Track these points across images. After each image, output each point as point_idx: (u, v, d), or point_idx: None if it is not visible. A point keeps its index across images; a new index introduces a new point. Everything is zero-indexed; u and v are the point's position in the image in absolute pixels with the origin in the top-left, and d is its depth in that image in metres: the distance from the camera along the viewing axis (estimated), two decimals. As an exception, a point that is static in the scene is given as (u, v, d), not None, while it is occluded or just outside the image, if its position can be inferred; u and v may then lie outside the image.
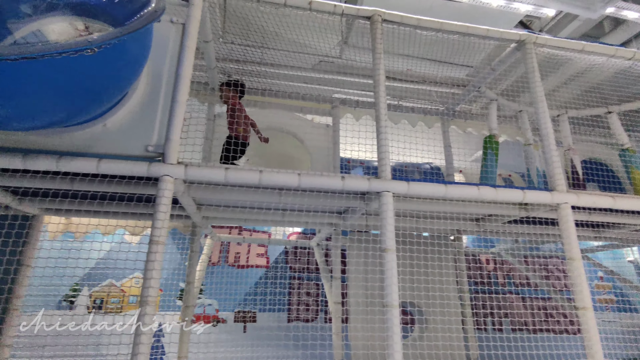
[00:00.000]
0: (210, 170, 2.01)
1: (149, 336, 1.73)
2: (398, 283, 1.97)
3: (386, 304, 1.95)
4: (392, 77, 3.79)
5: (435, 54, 3.40)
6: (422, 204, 2.46)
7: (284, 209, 2.77)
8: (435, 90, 3.89)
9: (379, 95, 2.36)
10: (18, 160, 1.84)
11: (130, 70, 1.72)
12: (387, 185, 2.14)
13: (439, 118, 4.00)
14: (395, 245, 2.04)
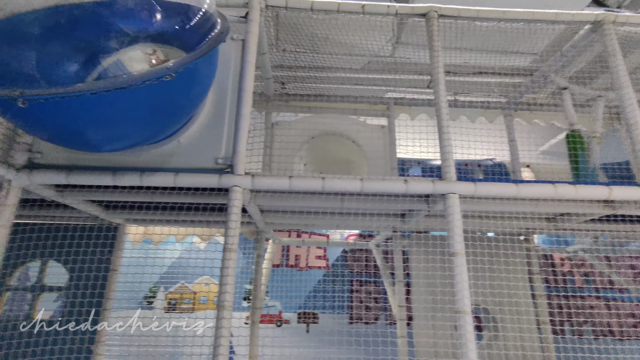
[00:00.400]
0: (276, 179, 2.09)
1: (227, 338, 1.84)
2: (477, 288, 1.89)
3: (458, 310, 1.88)
4: (447, 72, 3.66)
5: (495, 44, 3.22)
6: (489, 204, 2.34)
7: (344, 213, 2.79)
8: (495, 81, 3.69)
9: (439, 94, 2.29)
10: (109, 177, 2.06)
11: (201, 89, 1.84)
12: (452, 187, 2.07)
13: (501, 111, 3.78)
14: (464, 249, 1.97)
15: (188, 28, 1.76)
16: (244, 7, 2.51)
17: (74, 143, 1.85)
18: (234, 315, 3.59)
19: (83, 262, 3.07)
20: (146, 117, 1.68)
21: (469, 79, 3.69)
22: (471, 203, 2.29)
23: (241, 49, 2.36)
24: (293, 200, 2.41)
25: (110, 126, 1.67)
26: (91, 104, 1.47)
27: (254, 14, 2.42)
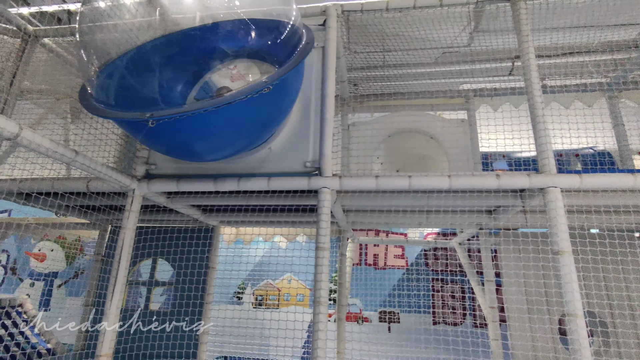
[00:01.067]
0: (362, 179, 2.14)
1: (324, 332, 1.94)
2: (580, 289, 1.75)
3: (568, 313, 1.75)
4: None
5: (591, 18, 2.90)
6: (597, 197, 2.13)
7: (428, 211, 2.74)
8: (592, 60, 3.32)
9: (531, 80, 2.14)
10: (211, 183, 2.29)
11: (291, 99, 1.97)
12: (552, 180, 1.92)
13: (601, 93, 3.39)
14: (570, 247, 1.82)
15: (279, 42, 1.89)
16: (321, 15, 2.61)
17: (183, 154, 2.10)
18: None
19: (187, 260, 3.44)
20: (245, 127, 1.85)
21: (560, 61, 3.38)
22: (576, 197, 2.11)
23: (321, 56, 2.46)
24: (377, 200, 2.45)
25: (214, 138, 1.87)
26: (200, 119, 1.67)
27: (331, 21, 2.51)
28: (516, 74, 3.58)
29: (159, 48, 1.98)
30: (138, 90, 1.87)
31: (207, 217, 3.23)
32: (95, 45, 1.86)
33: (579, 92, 3.46)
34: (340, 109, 3.68)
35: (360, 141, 3.42)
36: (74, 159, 1.85)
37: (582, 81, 3.42)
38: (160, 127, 1.61)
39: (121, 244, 2.31)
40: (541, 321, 2.82)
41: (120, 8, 2.02)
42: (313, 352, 1.92)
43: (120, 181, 2.24)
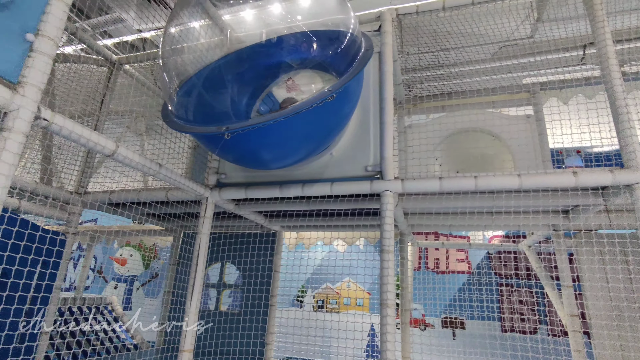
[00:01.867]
0: (426, 181, 2.12)
1: (393, 334, 1.94)
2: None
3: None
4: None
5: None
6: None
7: (494, 212, 2.64)
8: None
9: (609, 69, 1.99)
10: (277, 190, 2.41)
11: (352, 105, 2.02)
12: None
13: (694, 77, 3.03)
14: (666, 248, 1.66)
15: (339, 52, 1.96)
16: (376, 21, 2.65)
17: (253, 163, 2.24)
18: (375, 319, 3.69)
19: (252, 263, 3.62)
20: (310, 135, 1.94)
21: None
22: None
23: (378, 60, 2.49)
24: (440, 202, 2.41)
25: (282, 146, 1.97)
26: (269, 129, 1.78)
27: (387, 26, 2.53)
28: (589, 63, 3.32)
29: (228, 65, 2.15)
30: (212, 105, 2.04)
31: (270, 223, 3.38)
32: (174, 66, 2.06)
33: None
34: (396, 112, 3.66)
35: (417, 143, 3.38)
36: (158, 171, 2.06)
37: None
38: (234, 139, 1.74)
39: (198, 247, 2.50)
40: (634, 329, 2.56)
41: (192, 32, 2.23)
42: (382, 355, 1.93)
43: (195, 190, 2.44)
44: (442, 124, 3.44)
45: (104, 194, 2.92)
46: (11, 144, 1.32)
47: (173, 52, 2.13)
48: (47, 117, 1.47)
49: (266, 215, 3.30)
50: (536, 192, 2.15)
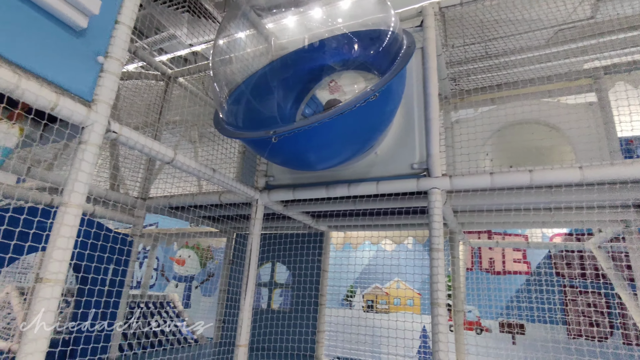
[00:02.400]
0: (475, 177, 2.06)
1: (445, 334, 1.90)
2: None
3: None
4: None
5: None
6: None
7: (553, 208, 2.48)
8: None
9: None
10: (323, 190, 2.46)
11: (396, 103, 2.01)
12: None
13: None
14: None
15: (381, 51, 1.96)
16: (417, 17, 2.61)
17: (300, 164, 2.31)
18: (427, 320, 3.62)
19: (301, 263, 3.70)
20: (354, 135, 1.96)
21: None
22: None
23: (421, 56, 2.45)
24: (492, 198, 2.31)
25: (327, 147, 2.01)
26: (314, 131, 1.82)
27: (429, 21, 2.49)
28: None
29: (273, 71, 2.24)
30: (259, 111, 2.14)
31: (317, 223, 3.44)
32: (223, 76, 2.19)
33: None
34: (442, 107, 3.56)
35: (466, 138, 3.26)
36: (212, 176, 2.19)
37: None
38: (281, 142, 1.81)
39: (249, 247, 2.62)
40: None
41: (239, 42, 2.35)
42: (434, 356, 1.90)
43: (246, 192, 2.56)
44: (491, 117, 3.29)
45: (164, 199, 3.15)
46: (88, 154, 1.49)
47: (222, 63, 2.26)
48: (116, 129, 1.63)
49: (313, 215, 3.37)
50: (601, 185, 1.99)
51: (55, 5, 1.36)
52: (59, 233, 1.38)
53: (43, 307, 1.31)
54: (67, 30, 1.45)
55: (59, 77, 1.42)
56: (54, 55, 1.41)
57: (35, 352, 1.28)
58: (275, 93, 2.21)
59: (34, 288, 3.33)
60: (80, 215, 1.46)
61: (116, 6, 1.65)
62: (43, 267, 1.35)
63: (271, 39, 2.34)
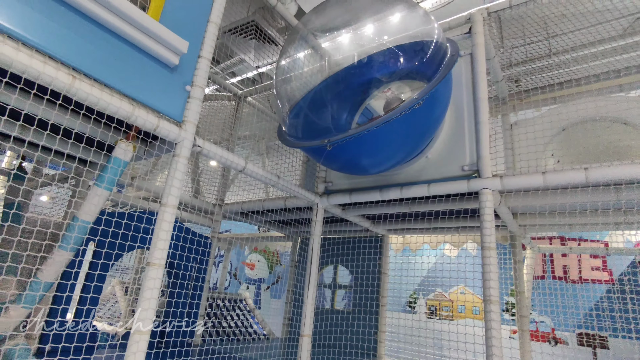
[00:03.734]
0: (527, 177, 2.08)
1: (498, 330, 1.94)
2: None
3: None
4: None
5: None
6: None
7: (624, 208, 2.36)
8: None
9: None
10: (377, 193, 2.63)
11: (442, 109, 2.13)
12: None
13: None
14: None
15: (425, 61, 2.11)
16: (466, 24, 2.69)
17: (353, 169, 2.52)
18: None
19: (361, 266, 3.87)
20: (403, 140, 2.12)
21: None
22: None
23: (470, 62, 2.53)
24: (550, 198, 2.28)
25: (378, 152, 2.19)
26: (364, 138, 2.02)
27: (477, 27, 2.56)
28: None
29: (327, 87, 2.49)
30: (316, 122, 2.40)
31: (375, 226, 3.60)
32: (285, 93, 2.50)
33: None
34: (499, 110, 3.52)
35: (524, 138, 3.19)
36: (277, 182, 2.49)
37: None
38: (335, 149, 2.04)
39: (311, 247, 2.88)
40: None
41: (297, 62, 2.65)
42: (487, 351, 1.95)
43: (308, 197, 2.82)
44: (554, 115, 3.18)
45: (237, 204, 3.56)
46: (181, 165, 1.85)
47: (283, 82, 2.58)
48: (200, 144, 2.00)
49: (371, 218, 3.53)
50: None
51: (157, 50, 1.75)
52: (160, 227, 1.75)
53: (151, 284, 1.68)
54: (164, 68, 1.84)
55: (159, 104, 1.81)
56: (156, 88, 1.80)
57: (146, 318, 1.64)
58: (329, 106, 2.46)
59: (134, 282, 3.95)
60: (174, 214, 1.82)
61: (199, 44, 2.03)
62: (150, 254, 1.72)
63: (326, 57, 2.61)
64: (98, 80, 1.57)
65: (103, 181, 1.71)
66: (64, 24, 1.48)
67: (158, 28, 1.72)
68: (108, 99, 1.58)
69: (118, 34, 1.64)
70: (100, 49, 1.58)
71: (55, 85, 1.44)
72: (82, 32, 1.54)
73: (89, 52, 1.55)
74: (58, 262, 1.70)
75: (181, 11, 1.95)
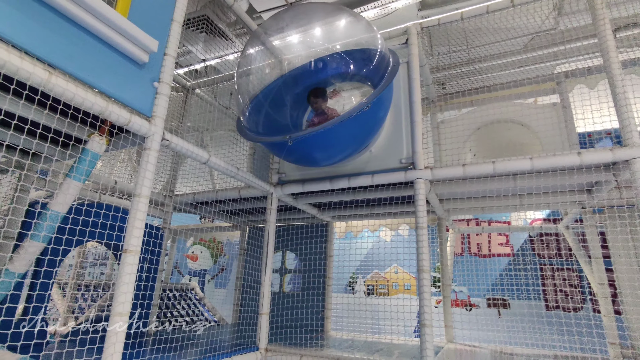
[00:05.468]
0: (451, 169, 2.55)
1: (429, 294, 2.38)
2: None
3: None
4: (634, 24, 3.30)
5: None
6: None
7: (521, 194, 2.97)
8: None
9: (610, 61, 2.29)
10: (327, 183, 2.94)
11: (385, 110, 2.50)
12: (636, 151, 2.06)
13: None
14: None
15: (371, 68, 2.45)
16: (403, 35, 3.09)
17: (308, 162, 2.80)
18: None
19: (309, 251, 4.18)
20: (352, 137, 2.44)
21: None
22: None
23: (406, 69, 2.93)
24: (468, 186, 2.80)
25: (331, 148, 2.50)
26: (322, 135, 2.31)
27: (413, 39, 2.97)
28: (618, 46, 3.47)
29: (284, 84, 2.73)
30: (277, 120, 2.63)
31: (322, 214, 3.93)
32: (246, 88, 2.68)
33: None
34: (429, 110, 4.05)
35: (449, 136, 3.75)
36: (237, 173, 2.67)
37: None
38: (295, 144, 2.30)
39: (267, 235, 3.11)
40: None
41: (256, 61, 2.84)
42: (421, 310, 2.38)
43: (263, 187, 3.04)
44: (470, 117, 3.78)
45: (189, 196, 3.63)
46: (152, 158, 1.97)
47: (244, 78, 2.76)
48: (168, 138, 2.11)
49: (318, 206, 3.85)
50: (555, 172, 2.46)
51: (130, 48, 1.84)
52: (135, 217, 1.86)
53: (128, 269, 1.79)
54: (135, 65, 1.93)
55: (131, 100, 1.90)
56: (127, 84, 1.89)
57: (125, 302, 1.76)
58: (285, 102, 2.70)
59: (73, 277, 3.81)
60: (147, 204, 1.94)
61: (164, 42, 2.13)
62: (126, 242, 1.83)
63: (281, 58, 2.83)
64: (73, 76, 1.63)
65: (77, 173, 1.77)
66: (36, 19, 1.52)
67: (130, 27, 1.81)
68: (83, 94, 1.65)
69: (91, 32, 1.70)
70: (74, 45, 1.64)
71: (33, 80, 1.49)
72: (55, 28, 1.58)
73: (62, 48, 1.60)
74: (30, 253, 1.72)
75: (147, 11, 2.04)
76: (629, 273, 2.88)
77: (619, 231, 2.93)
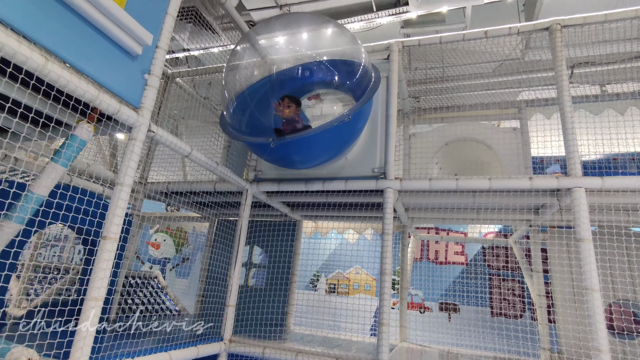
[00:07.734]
0: (419, 182, 2.76)
1: (389, 295, 2.58)
2: (598, 270, 2.17)
3: (586, 288, 2.19)
4: (592, 62, 3.67)
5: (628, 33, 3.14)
6: (619, 197, 2.48)
7: (478, 208, 3.24)
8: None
9: (563, 100, 2.58)
10: (302, 185, 3.07)
11: (364, 122, 2.66)
12: (577, 181, 2.36)
13: None
14: (591, 236, 2.25)
15: (355, 81, 2.61)
16: (385, 51, 3.27)
17: (286, 164, 2.91)
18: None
19: (276, 247, 4.30)
20: (331, 145, 2.59)
21: (619, 67, 3.58)
22: (600, 196, 2.49)
23: (386, 83, 3.12)
24: (432, 198, 3.03)
25: (310, 152, 2.63)
26: (302, 141, 2.44)
27: (394, 56, 3.16)
28: (573, 82, 3.83)
29: (269, 83, 2.83)
30: (257, 118, 2.73)
31: (293, 212, 4.05)
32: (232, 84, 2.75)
33: (636, 100, 3.65)
34: (402, 122, 4.28)
35: (419, 149, 4.00)
36: (216, 168, 2.74)
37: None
38: (277, 147, 2.41)
39: (239, 229, 3.19)
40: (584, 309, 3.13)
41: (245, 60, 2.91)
42: (380, 310, 2.58)
43: (239, 183, 3.12)
44: (440, 133, 4.04)
45: (162, 184, 3.63)
46: (137, 148, 2.01)
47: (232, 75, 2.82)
48: (154, 129, 2.16)
49: (290, 205, 3.97)
50: (509, 192, 2.73)
51: (125, 39, 1.87)
52: (117, 205, 1.90)
53: (106, 256, 1.84)
54: (128, 57, 1.97)
55: (121, 90, 1.93)
56: (119, 75, 1.92)
57: (101, 287, 1.81)
58: (272, 106, 2.80)
59: (31, 259, 3.72)
60: (129, 192, 1.98)
61: (157, 34, 2.17)
62: (105, 229, 1.87)
63: (268, 60, 2.92)
64: (67, 63, 1.66)
65: (64, 158, 1.78)
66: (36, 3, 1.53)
67: (127, 19, 1.85)
68: (76, 81, 1.68)
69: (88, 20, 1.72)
70: (70, 32, 1.66)
71: (30, 65, 1.51)
72: (54, 14, 1.60)
73: (59, 35, 1.62)
74: (6, 233, 1.72)
75: (144, 3, 2.07)
76: (562, 287, 3.24)
77: (557, 250, 3.28)
